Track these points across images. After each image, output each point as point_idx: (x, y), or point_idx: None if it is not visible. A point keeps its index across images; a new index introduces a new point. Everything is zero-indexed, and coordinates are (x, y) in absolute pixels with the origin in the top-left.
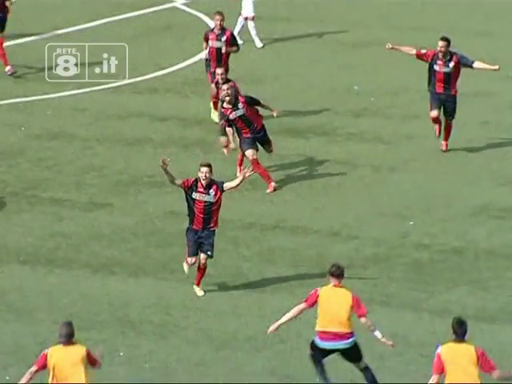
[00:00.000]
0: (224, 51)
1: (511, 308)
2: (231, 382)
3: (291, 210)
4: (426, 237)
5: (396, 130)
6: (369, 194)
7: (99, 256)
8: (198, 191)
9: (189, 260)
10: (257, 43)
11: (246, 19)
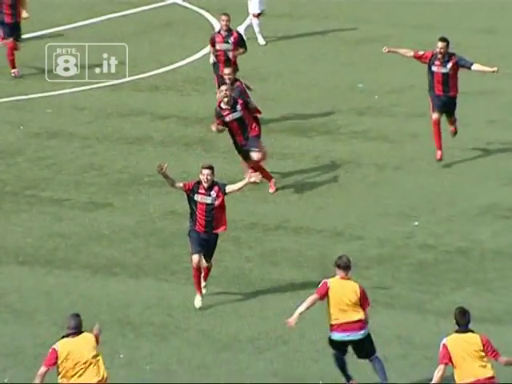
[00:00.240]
0: (231, 55)
1: None
2: None
3: (294, 210)
4: (431, 237)
5: (401, 129)
6: (373, 194)
7: (99, 256)
8: (200, 193)
9: (193, 258)
10: (260, 40)
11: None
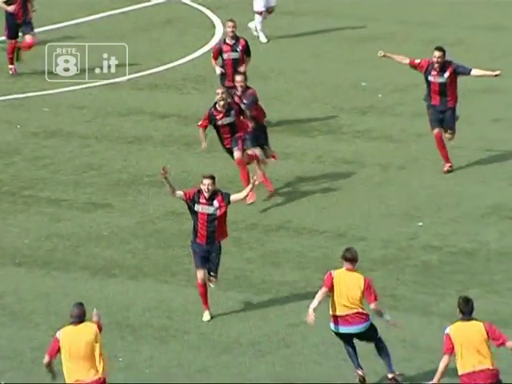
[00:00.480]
0: (242, 69)
1: None
2: None
3: (296, 211)
4: (436, 238)
5: (405, 128)
6: (376, 194)
7: (98, 258)
8: (201, 203)
9: (198, 273)
10: (261, 38)
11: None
